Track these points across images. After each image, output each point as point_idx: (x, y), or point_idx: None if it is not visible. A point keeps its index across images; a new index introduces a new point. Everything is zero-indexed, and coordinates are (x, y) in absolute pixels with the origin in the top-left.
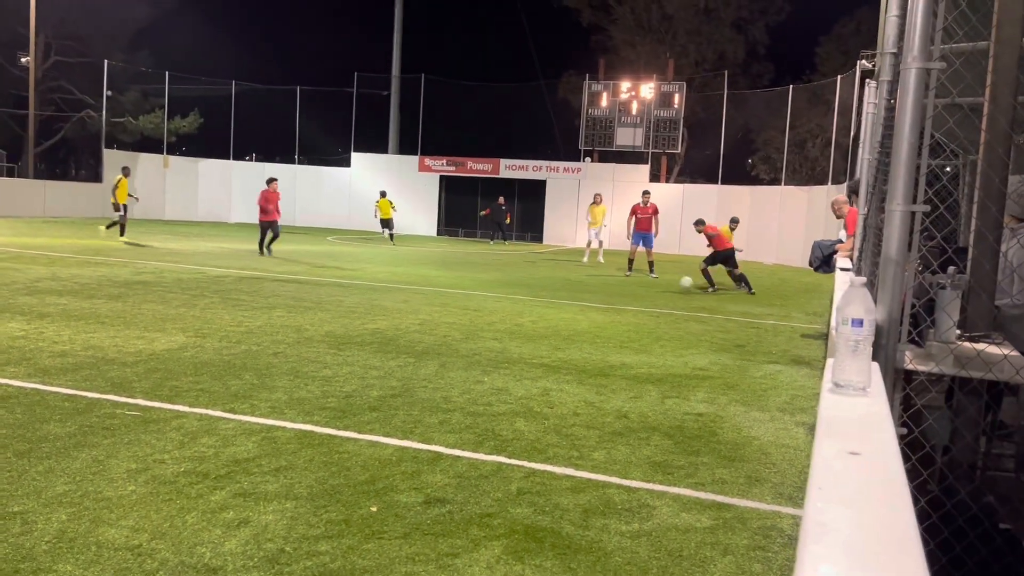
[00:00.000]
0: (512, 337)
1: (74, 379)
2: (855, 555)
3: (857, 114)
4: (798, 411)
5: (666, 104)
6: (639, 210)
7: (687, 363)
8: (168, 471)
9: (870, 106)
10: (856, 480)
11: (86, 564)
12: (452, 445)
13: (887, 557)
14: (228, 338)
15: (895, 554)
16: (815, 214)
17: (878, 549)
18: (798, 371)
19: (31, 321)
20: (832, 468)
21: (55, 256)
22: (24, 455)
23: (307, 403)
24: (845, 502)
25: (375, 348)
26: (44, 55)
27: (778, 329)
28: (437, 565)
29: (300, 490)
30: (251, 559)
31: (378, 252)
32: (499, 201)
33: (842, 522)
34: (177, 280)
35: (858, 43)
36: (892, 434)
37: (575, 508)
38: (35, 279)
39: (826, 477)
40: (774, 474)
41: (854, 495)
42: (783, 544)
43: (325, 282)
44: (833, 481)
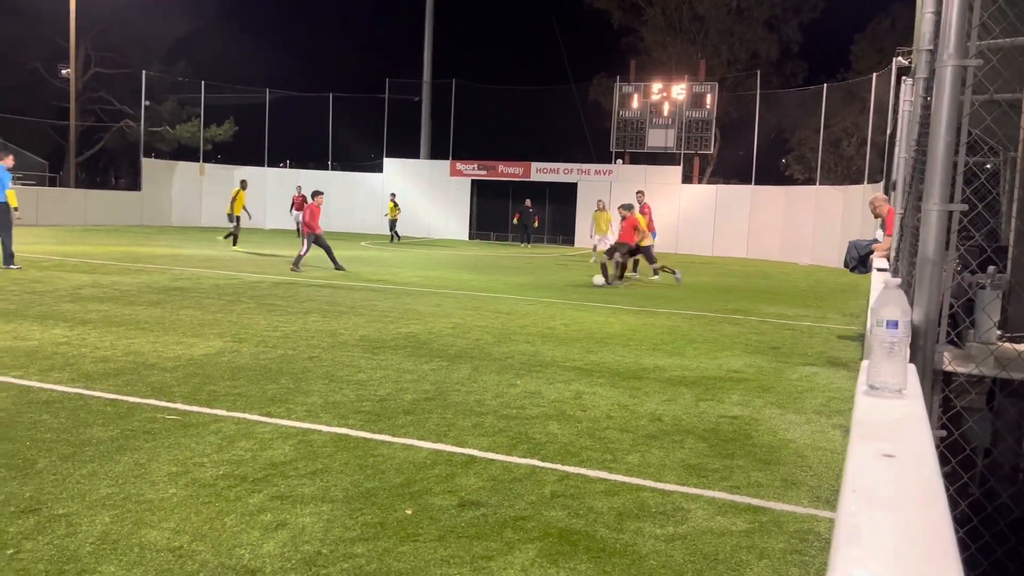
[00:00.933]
0: (544, 340)
1: (116, 384)
2: (890, 559)
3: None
4: (835, 413)
5: (698, 105)
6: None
7: (721, 365)
8: (207, 474)
9: (906, 104)
10: (891, 483)
11: (129, 565)
12: (486, 448)
13: (923, 561)
14: (264, 343)
15: (931, 558)
16: (851, 213)
17: (913, 553)
18: (835, 373)
19: (74, 327)
20: (867, 471)
21: (96, 263)
22: (69, 458)
23: (342, 407)
24: (880, 505)
25: (408, 352)
26: (84, 67)
27: (814, 331)
28: (472, 568)
29: (336, 493)
30: (289, 561)
31: (410, 256)
32: (526, 204)
33: (877, 526)
34: (214, 286)
35: (893, 40)
36: (928, 436)
37: (609, 511)
38: (77, 286)
39: (860, 480)
40: (810, 477)
41: (889, 498)
42: (820, 548)
43: (359, 287)
44: (867, 484)
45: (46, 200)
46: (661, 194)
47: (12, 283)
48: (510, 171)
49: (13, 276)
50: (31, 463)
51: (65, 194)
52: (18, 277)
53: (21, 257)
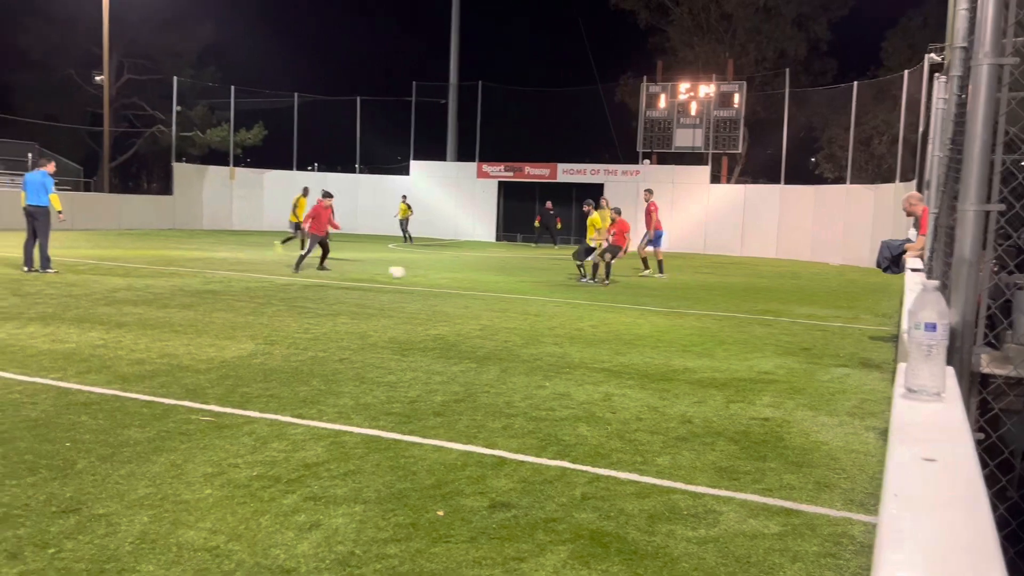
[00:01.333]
0: (573, 342)
1: (151, 386)
2: (934, 562)
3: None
4: (868, 415)
5: (726, 104)
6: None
7: (752, 367)
8: (242, 475)
9: (940, 101)
10: (933, 487)
11: (168, 564)
12: (515, 450)
13: (967, 564)
14: (295, 345)
15: (975, 561)
16: (882, 213)
17: (957, 556)
18: (867, 375)
19: (110, 330)
20: (908, 475)
21: (130, 267)
22: (107, 459)
23: (373, 408)
24: (922, 509)
25: (437, 354)
26: (117, 73)
27: (846, 332)
28: (504, 569)
29: (368, 494)
30: (323, 561)
31: (437, 258)
32: (547, 206)
33: (920, 529)
34: (245, 289)
35: (926, 36)
36: (969, 440)
37: (640, 513)
38: (112, 289)
39: (902, 484)
40: (844, 480)
41: (931, 502)
42: (855, 551)
43: (387, 289)
44: (909, 488)
45: (81, 205)
46: (689, 194)
47: (49, 286)
48: (536, 172)
49: (50, 279)
50: (71, 464)
51: (99, 199)
52: (55, 281)
53: (58, 261)
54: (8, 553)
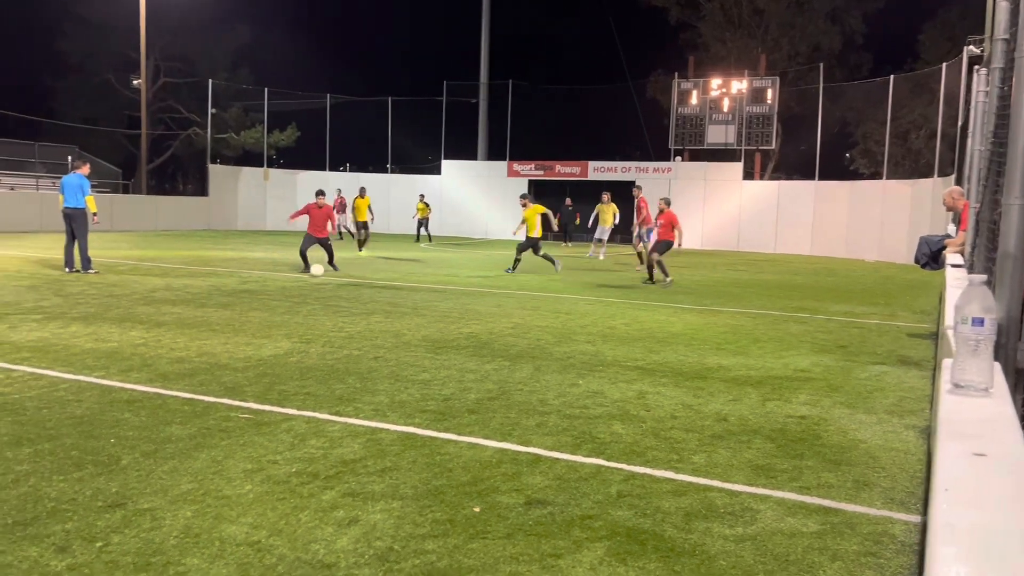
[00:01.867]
0: (605, 340)
1: (191, 384)
2: (988, 556)
3: (965, 103)
4: (907, 413)
5: (759, 100)
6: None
7: (787, 365)
8: (281, 471)
9: (980, 94)
10: (984, 482)
11: (211, 558)
12: (550, 447)
13: (1020, 558)
14: (330, 343)
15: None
16: (920, 208)
17: (1010, 550)
18: (906, 372)
19: (150, 329)
20: (958, 470)
21: (168, 267)
22: (150, 455)
23: (408, 406)
24: (974, 504)
25: (471, 352)
26: (154, 77)
27: (883, 329)
28: (541, 565)
29: (405, 490)
30: (362, 556)
31: (469, 257)
32: (566, 203)
33: (972, 524)
34: (280, 288)
35: (964, 28)
36: (1019, 435)
37: (676, 511)
38: (151, 289)
39: (952, 479)
40: (883, 478)
41: (983, 497)
42: (896, 551)
43: (420, 287)
44: (960, 483)
45: (120, 207)
46: (721, 191)
47: (91, 287)
48: (567, 171)
49: (91, 280)
50: (116, 459)
51: (137, 200)
52: (96, 281)
53: (98, 262)
54: (57, 547)
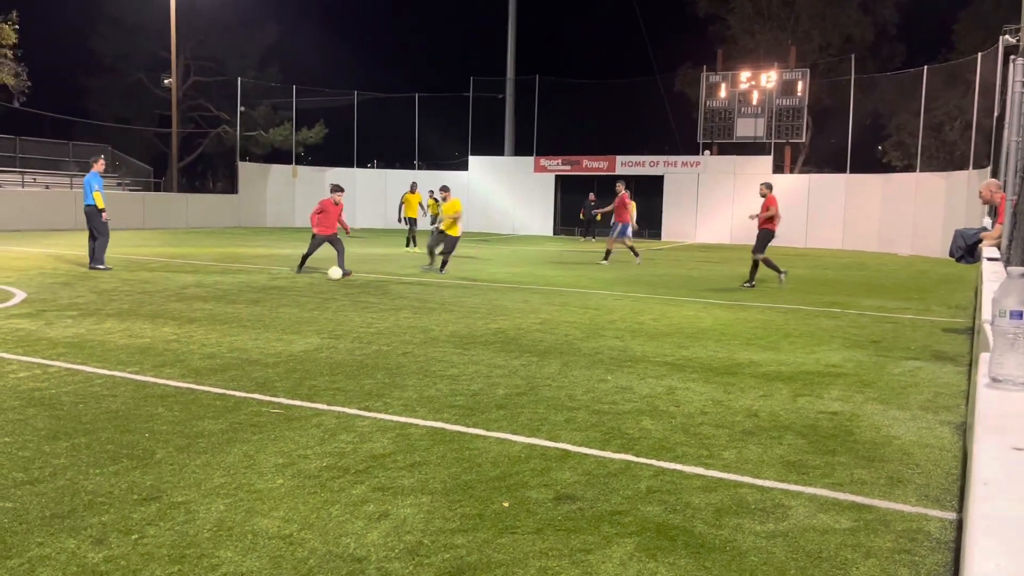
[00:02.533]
0: (634, 335)
1: (222, 379)
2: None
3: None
4: (942, 409)
5: (789, 92)
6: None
7: (819, 360)
8: (312, 466)
9: (1016, 84)
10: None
11: (244, 551)
12: (579, 443)
13: None
14: (359, 339)
15: None
16: (954, 201)
17: None
18: (940, 368)
19: (182, 325)
20: (997, 464)
21: (198, 264)
22: (184, 449)
23: (436, 401)
24: (1014, 497)
25: (498, 347)
26: (184, 76)
27: (916, 324)
28: (570, 560)
29: (435, 485)
30: (392, 550)
31: (496, 253)
32: (589, 198)
33: (1013, 517)
34: (309, 284)
35: (1000, 17)
36: None
37: (707, 507)
38: (183, 286)
39: (991, 473)
40: (918, 475)
41: (1023, 491)
42: (931, 548)
43: (448, 283)
44: (998, 477)
45: (151, 205)
46: (751, 185)
47: (125, 284)
48: (594, 165)
49: (124, 277)
50: (150, 453)
51: (168, 198)
52: (129, 278)
53: (130, 259)
54: (94, 539)
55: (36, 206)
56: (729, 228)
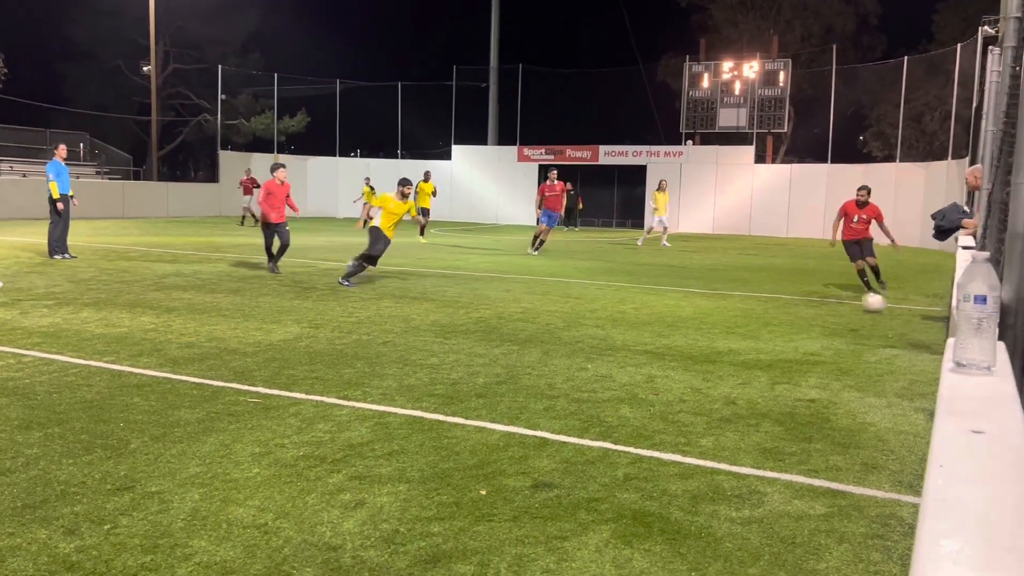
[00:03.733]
0: (615, 324)
1: (200, 368)
2: (979, 531)
3: (979, 84)
4: (917, 396)
5: (771, 82)
6: (547, 188)
7: (797, 348)
8: (288, 455)
9: (994, 74)
10: (980, 458)
11: (218, 540)
12: (558, 431)
13: (1014, 533)
14: (340, 328)
15: (1022, 530)
16: (934, 191)
17: (1004, 525)
18: (917, 355)
19: (160, 315)
20: (954, 446)
21: (178, 253)
22: (159, 439)
23: (416, 390)
24: (969, 480)
25: (479, 336)
26: (163, 63)
27: (894, 312)
28: (546, 548)
29: (412, 473)
30: (368, 539)
31: (478, 242)
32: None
33: (965, 499)
34: (290, 273)
35: (979, 8)
36: (1019, 413)
37: (683, 494)
38: (162, 275)
39: (948, 455)
40: (892, 461)
41: (978, 473)
42: (903, 533)
43: (429, 273)
44: (955, 459)
45: (131, 194)
46: (733, 175)
47: (103, 273)
48: (577, 155)
49: (102, 266)
50: (125, 443)
51: (148, 187)
52: (107, 267)
53: (109, 248)
54: (66, 529)
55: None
56: (712, 218)
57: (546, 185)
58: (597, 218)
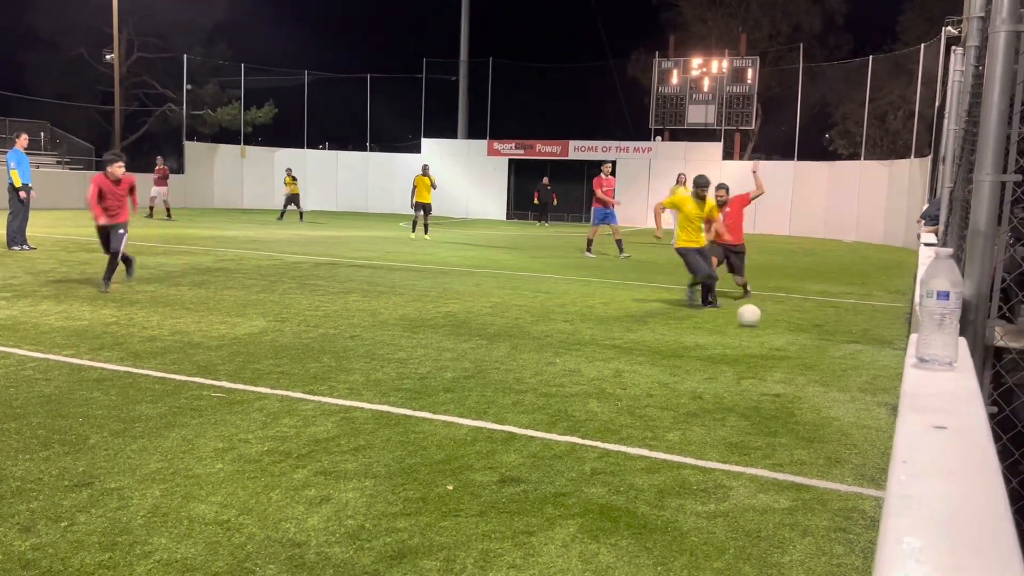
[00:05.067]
0: (583, 319)
1: (163, 362)
2: (942, 527)
3: (942, 83)
4: (880, 391)
5: (739, 80)
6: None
7: (763, 343)
8: (252, 450)
9: (956, 74)
10: (942, 454)
11: (179, 537)
12: (525, 426)
13: (976, 529)
14: (306, 322)
15: (984, 526)
16: (897, 189)
17: (966, 521)
18: (880, 351)
19: (122, 307)
20: (917, 442)
21: (141, 245)
22: (119, 434)
23: (383, 384)
24: (931, 475)
25: (448, 331)
26: (127, 52)
27: (858, 308)
28: (513, 543)
29: (378, 469)
30: (333, 535)
31: (448, 236)
32: (543, 182)
33: (928, 495)
34: (256, 267)
35: (943, 9)
36: (981, 408)
37: (650, 488)
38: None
39: (911, 451)
40: (855, 455)
41: (940, 468)
42: (865, 526)
43: (398, 267)
44: (918, 455)
45: None
46: (701, 171)
47: (63, 264)
48: (548, 150)
49: (63, 258)
50: (84, 439)
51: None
52: (67, 259)
53: (69, 240)
54: (21, 526)
55: None
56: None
57: (602, 179)
58: (567, 213)
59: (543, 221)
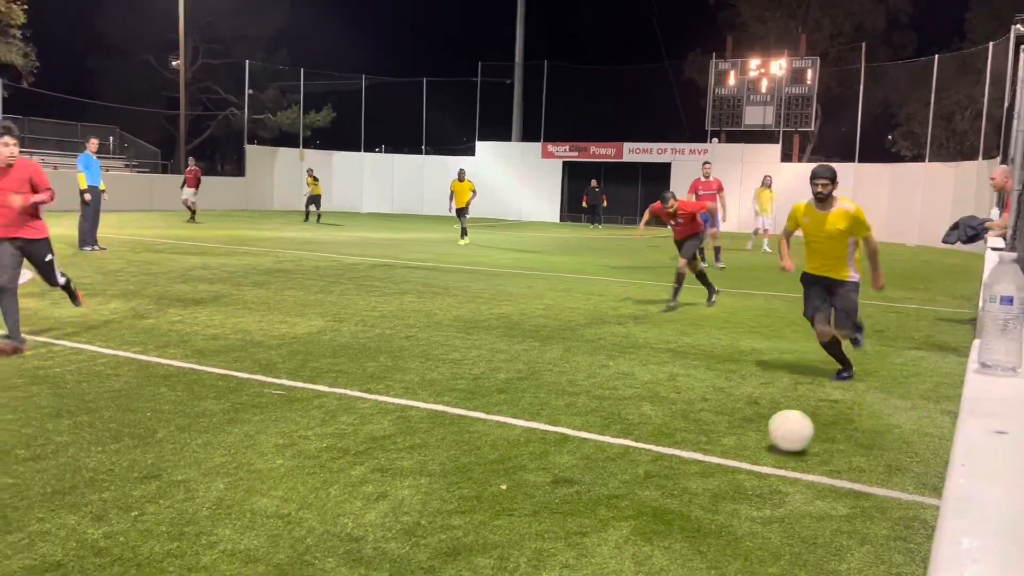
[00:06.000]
0: (637, 322)
1: (226, 360)
2: (1000, 530)
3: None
4: (943, 399)
5: (798, 80)
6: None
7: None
8: (312, 446)
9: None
10: (1002, 458)
11: (242, 529)
12: (578, 427)
13: None
14: (363, 322)
15: None
16: (964, 191)
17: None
18: (943, 358)
19: (187, 306)
20: (977, 446)
21: (205, 246)
22: (185, 429)
23: (438, 384)
24: (990, 479)
25: (501, 332)
26: (192, 58)
27: (921, 313)
28: (566, 543)
29: (433, 467)
30: (390, 531)
31: (502, 239)
32: (592, 184)
33: (987, 498)
34: (314, 268)
35: (1013, 6)
36: None
37: (704, 492)
38: (188, 268)
39: (970, 454)
40: (916, 463)
41: (1000, 472)
42: (926, 536)
43: (452, 269)
44: (977, 458)
45: (159, 187)
46: (758, 173)
47: (130, 265)
48: (602, 152)
49: (130, 258)
50: (152, 432)
51: (176, 181)
52: (135, 259)
53: (136, 241)
54: (94, 515)
55: None
56: (736, 216)
57: (699, 181)
58: (621, 215)
59: (596, 223)
